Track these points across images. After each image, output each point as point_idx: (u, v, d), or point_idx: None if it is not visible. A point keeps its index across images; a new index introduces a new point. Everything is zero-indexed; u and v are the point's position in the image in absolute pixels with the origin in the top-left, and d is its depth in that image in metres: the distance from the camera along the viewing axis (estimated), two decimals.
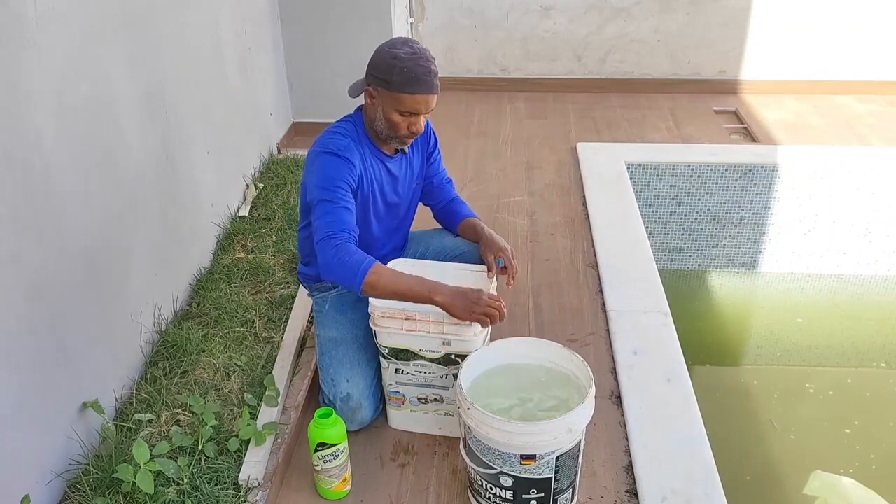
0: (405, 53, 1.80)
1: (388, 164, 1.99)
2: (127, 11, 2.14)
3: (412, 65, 1.79)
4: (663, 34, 4.58)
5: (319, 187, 1.84)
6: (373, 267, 1.75)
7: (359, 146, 1.92)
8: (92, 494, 1.73)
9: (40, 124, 1.71)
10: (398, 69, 1.79)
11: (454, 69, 4.76)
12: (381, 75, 1.82)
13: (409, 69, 1.79)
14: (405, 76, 1.79)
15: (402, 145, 1.96)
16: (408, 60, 1.79)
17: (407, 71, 1.79)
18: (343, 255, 1.75)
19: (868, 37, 4.47)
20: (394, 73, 1.80)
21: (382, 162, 1.98)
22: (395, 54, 1.80)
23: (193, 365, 2.18)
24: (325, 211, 1.82)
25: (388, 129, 1.89)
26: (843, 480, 1.31)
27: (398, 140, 1.93)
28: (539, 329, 2.46)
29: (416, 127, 1.87)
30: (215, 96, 2.88)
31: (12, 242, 1.61)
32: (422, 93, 1.82)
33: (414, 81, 1.80)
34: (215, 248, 2.83)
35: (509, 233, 3.06)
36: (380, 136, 1.93)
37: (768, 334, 3.59)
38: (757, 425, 2.95)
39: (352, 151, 1.89)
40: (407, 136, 1.91)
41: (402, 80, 1.80)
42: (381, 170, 1.98)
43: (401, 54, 1.80)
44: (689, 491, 1.79)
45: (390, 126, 1.88)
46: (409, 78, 1.79)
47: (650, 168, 3.65)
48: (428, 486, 1.87)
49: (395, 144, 1.96)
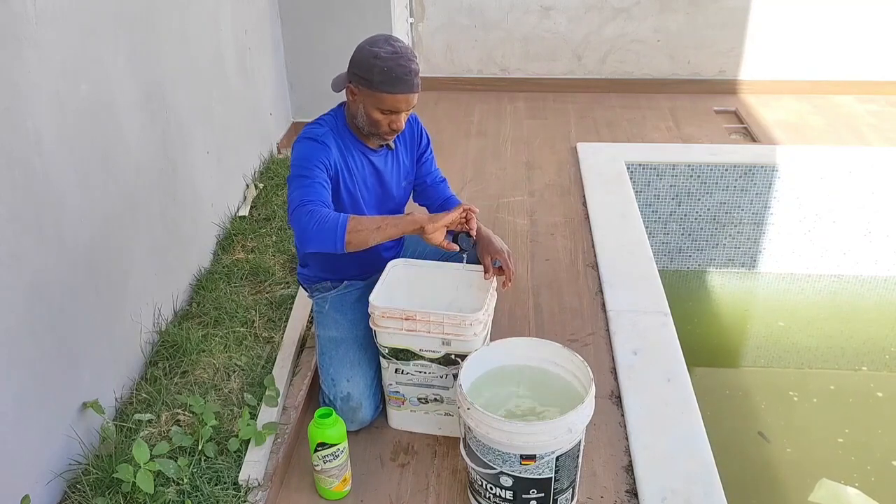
0: (386, 52, 1.80)
1: (372, 157, 2.01)
2: (127, 11, 2.14)
3: (392, 64, 1.79)
4: (663, 34, 4.58)
5: (294, 167, 1.88)
6: (349, 223, 1.76)
7: (337, 136, 1.95)
8: (92, 494, 1.73)
9: (40, 124, 1.71)
10: (378, 68, 1.80)
11: (454, 69, 4.76)
12: (362, 73, 1.83)
13: (390, 69, 1.79)
14: (385, 75, 1.80)
15: (383, 141, 1.98)
16: (388, 60, 1.80)
17: (387, 70, 1.79)
18: (318, 217, 1.77)
19: (868, 37, 4.47)
20: (374, 72, 1.81)
21: (365, 155, 1.99)
22: (375, 53, 1.81)
23: (193, 365, 2.18)
24: (298, 185, 1.84)
25: (370, 126, 1.91)
26: (849, 490, 1.32)
27: (379, 137, 1.94)
28: (539, 329, 2.46)
29: (396, 124, 1.89)
30: (215, 96, 2.88)
31: (12, 242, 1.61)
32: (402, 92, 1.83)
33: (394, 81, 1.81)
34: (215, 248, 2.83)
35: (509, 233, 3.06)
36: (362, 132, 1.95)
37: (768, 334, 3.59)
38: (757, 425, 2.95)
39: (327, 137, 1.92)
40: (388, 133, 1.92)
41: (382, 79, 1.80)
42: (364, 162, 2.00)
43: (381, 53, 1.80)
44: (689, 491, 1.79)
45: (371, 123, 1.89)
46: (390, 77, 1.80)
47: (650, 168, 3.65)
48: (428, 486, 1.87)
49: (377, 140, 1.98)
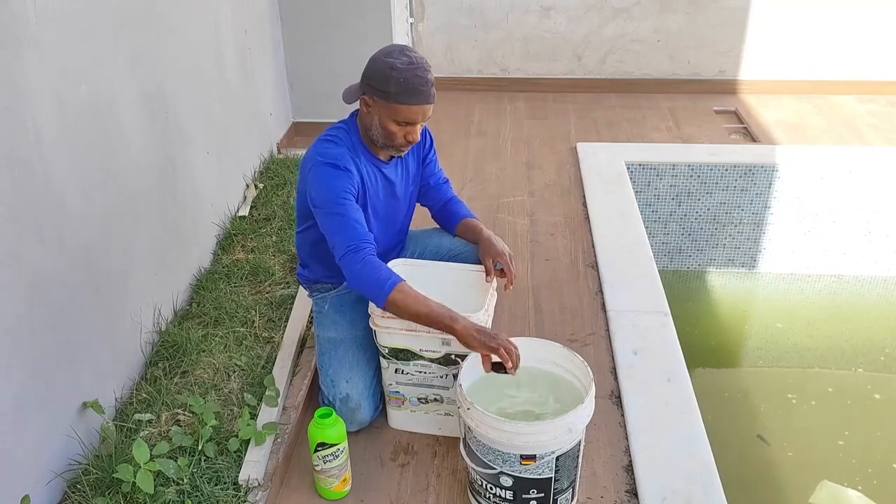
0: (402, 63, 1.78)
1: (384, 169, 1.99)
2: (127, 11, 2.14)
3: (409, 75, 1.77)
4: (663, 34, 4.58)
5: (326, 201, 1.84)
6: (398, 286, 1.75)
7: (353, 154, 1.91)
8: (92, 494, 1.73)
9: (40, 124, 1.71)
10: (395, 80, 1.77)
11: (454, 69, 4.76)
12: (378, 85, 1.80)
13: (407, 79, 1.77)
14: (402, 87, 1.77)
15: (399, 154, 1.95)
16: (405, 71, 1.77)
17: (404, 81, 1.77)
18: (369, 270, 1.76)
19: (868, 37, 4.47)
20: (390, 84, 1.78)
21: (378, 168, 1.97)
22: (391, 64, 1.78)
23: (193, 365, 2.18)
24: (340, 226, 1.81)
25: (385, 139, 1.88)
26: (849, 493, 1.32)
27: (394, 149, 1.91)
28: (539, 329, 2.46)
29: (412, 136, 1.86)
30: (215, 96, 2.88)
31: (12, 242, 1.61)
32: (419, 103, 1.80)
33: (411, 92, 1.78)
34: (215, 248, 2.83)
35: (509, 233, 3.06)
36: (375, 144, 1.93)
37: (768, 334, 3.59)
38: (757, 425, 2.95)
39: (347, 160, 1.88)
40: (403, 146, 1.90)
41: (398, 90, 1.78)
42: (378, 175, 1.98)
43: (397, 64, 1.77)
44: (689, 491, 1.79)
45: (386, 135, 1.86)
46: (407, 89, 1.78)
47: (650, 168, 3.65)
48: (428, 486, 1.87)
49: (392, 153, 1.95)
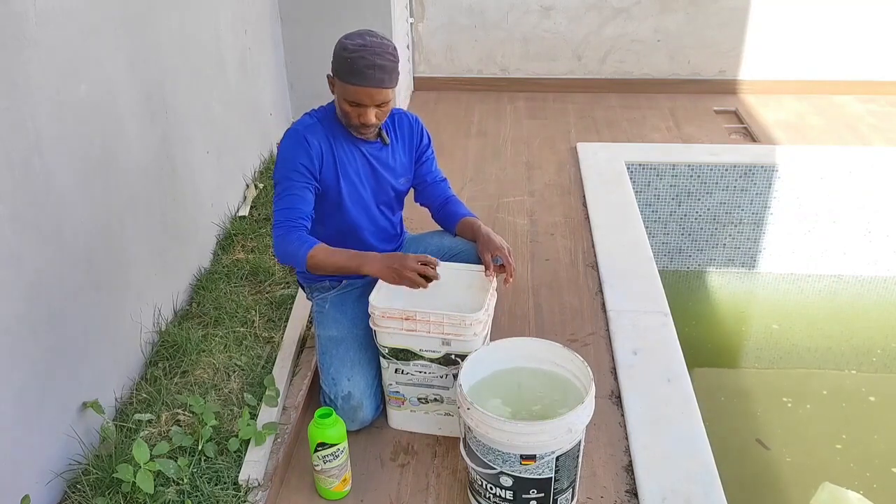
0: (354, 45, 1.83)
1: (363, 147, 2.02)
2: (127, 11, 2.14)
3: (356, 56, 1.81)
4: (663, 34, 4.57)
5: (278, 169, 1.95)
6: (315, 247, 1.88)
7: (326, 127, 1.97)
8: (92, 494, 1.73)
9: (40, 124, 1.71)
10: (343, 59, 1.84)
11: (454, 69, 4.76)
12: (333, 63, 1.88)
13: (353, 60, 1.82)
14: (348, 67, 1.83)
15: (358, 134, 1.98)
16: (353, 52, 1.82)
17: (350, 62, 1.82)
18: (290, 237, 1.88)
19: (868, 37, 4.47)
20: (341, 63, 1.84)
21: (356, 146, 2.01)
22: (345, 45, 1.84)
23: (193, 365, 2.18)
24: (279, 197, 1.93)
25: (342, 117, 1.94)
26: (850, 495, 1.32)
27: (353, 129, 1.96)
28: (539, 329, 2.46)
29: (364, 118, 1.89)
30: (215, 96, 2.88)
31: (12, 242, 1.61)
32: (363, 85, 1.84)
33: (355, 73, 1.82)
34: (215, 248, 2.83)
35: (509, 233, 3.06)
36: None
37: (768, 334, 3.59)
38: (757, 425, 2.95)
39: (314, 129, 1.95)
40: (359, 127, 1.93)
41: (345, 70, 1.84)
42: (356, 153, 2.01)
43: (349, 45, 1.83)
44: (689, 491, 1.79)
45: (343, 114, 1.92)
46: (352, 70, 1.82)
47: (650, 168, 3.65)
48: (428, 486, 1.87)
49: (353, 133, 1.98)
